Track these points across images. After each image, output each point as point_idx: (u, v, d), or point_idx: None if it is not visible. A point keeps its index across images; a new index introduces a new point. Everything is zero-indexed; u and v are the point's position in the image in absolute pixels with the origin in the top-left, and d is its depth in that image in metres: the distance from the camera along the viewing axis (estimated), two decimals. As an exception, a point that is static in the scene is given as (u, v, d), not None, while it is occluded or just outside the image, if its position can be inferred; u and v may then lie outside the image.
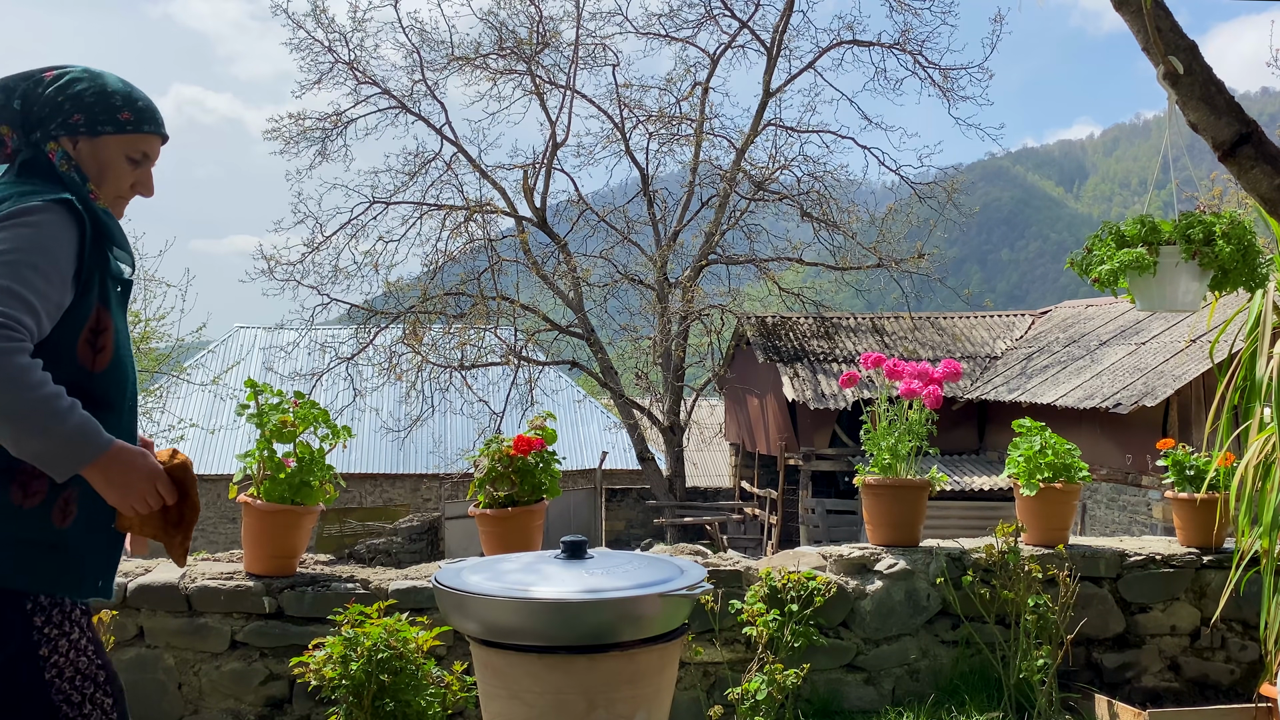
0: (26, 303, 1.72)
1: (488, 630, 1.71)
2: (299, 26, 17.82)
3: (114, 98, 1.94)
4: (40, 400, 1.67)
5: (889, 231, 18.57)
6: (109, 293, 1.90)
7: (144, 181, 2.01)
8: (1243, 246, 3.12)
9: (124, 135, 1.95)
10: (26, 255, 1.74)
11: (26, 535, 1.81)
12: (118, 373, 1.91)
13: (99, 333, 1.87)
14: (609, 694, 1.70)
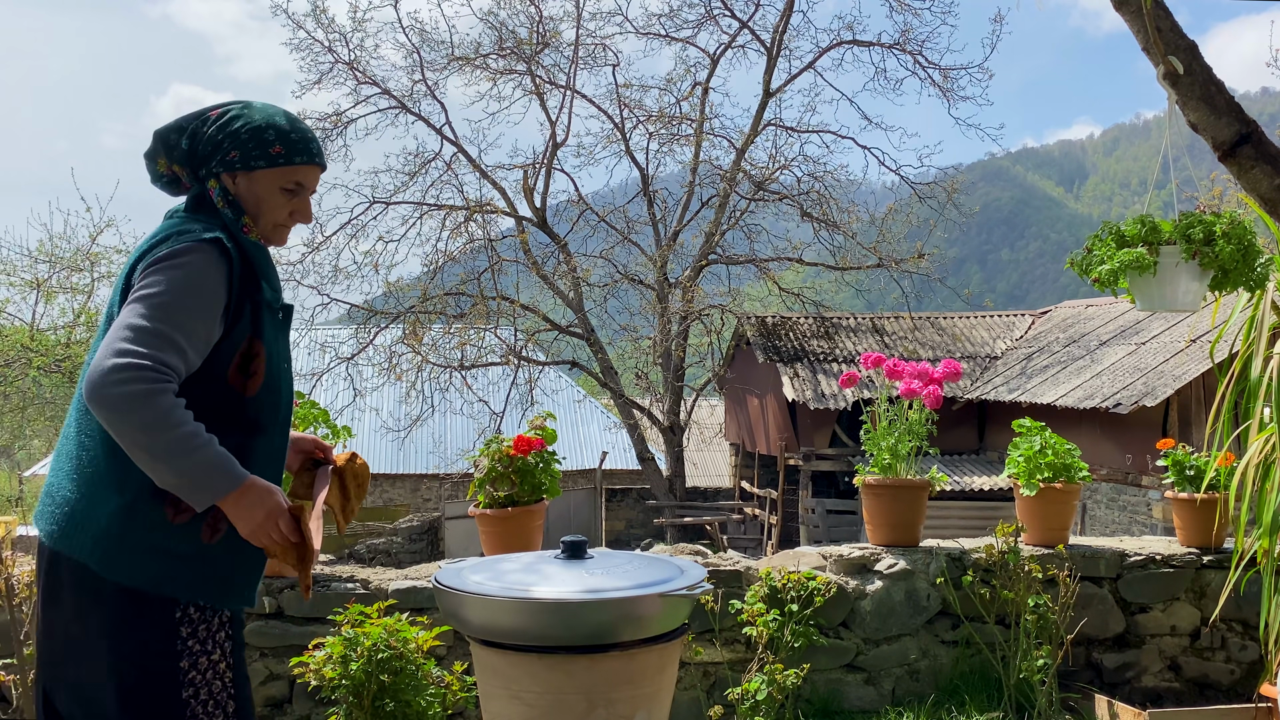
0: (174, 343, 1.83)
1: (488, 630, 1.71)
2: (299, 26, 17.81)
3: (267, 132, 2.02)
4: (177, 439, 1.78)
5: (889, 231, 18.56)
6: (262, 321, 1.99)
7: (301, 209, 2.08)
8: (1243, 246, 3.12)
9: (276, 168, 2.02)
10: (176, 297, 1.84)
11: (176, 548, 1.92)
12: (270, 396, 2.00)
13: (251, 358, 1.97)
14: (609, 694, 1.70)
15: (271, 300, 2.03)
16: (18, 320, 14.63)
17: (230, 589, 1.99)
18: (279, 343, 2.05)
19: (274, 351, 2.02)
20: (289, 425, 2.08)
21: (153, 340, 1.81)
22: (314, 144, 2.08)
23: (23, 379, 14.15)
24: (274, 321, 2.04)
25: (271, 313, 2.04)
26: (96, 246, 14.82)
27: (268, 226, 2.06)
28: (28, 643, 3.21)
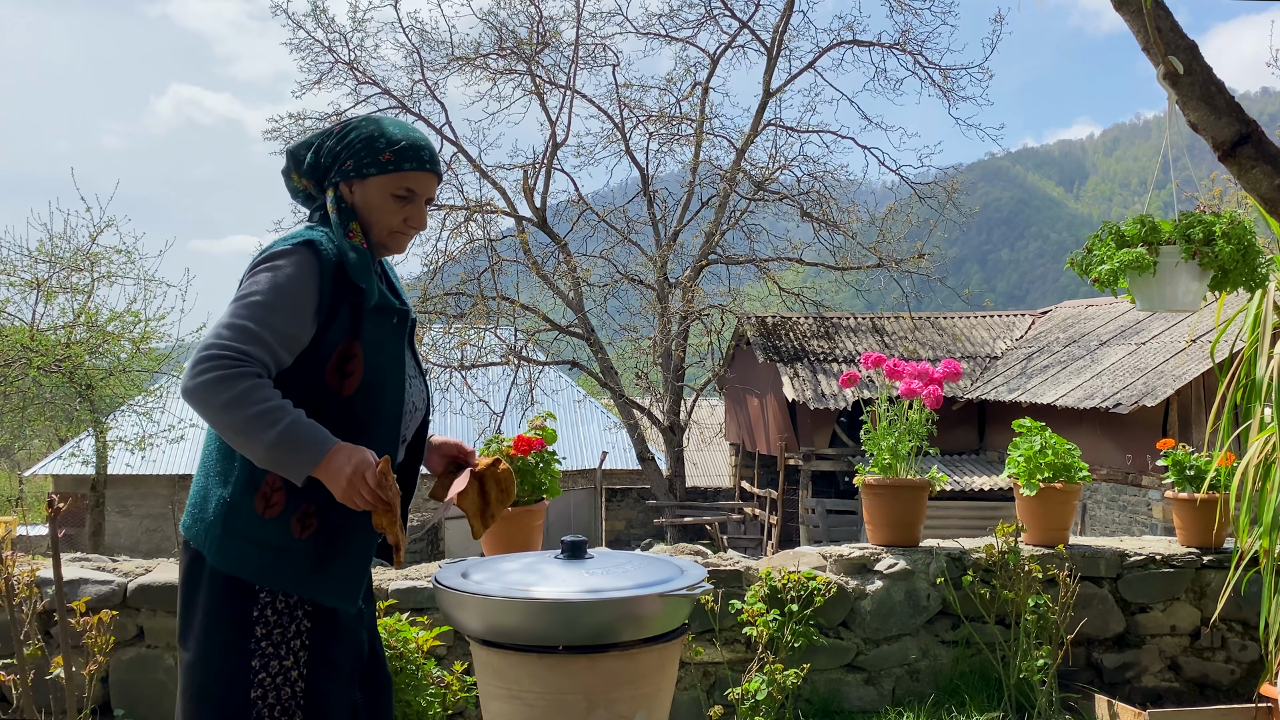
0: (256, 336, 1.91)
1: (488, 630, 1.71)
2: (299, 26, 17.82)
3: (378, 141, 2.09)
4: (259, 414, 1.84)
5: (889, 231, 18.56)
6: (362, 323, 2.04)
7: (414, 215, 2.13)
8: (1243, 246, 3.12)
9: (386, 175, 2.08)
10: (262, 295, 1.94)
11: (265, 539, 1.99)
12: (369, 397, 2.04)
13: (348, 359, 2.02)
14: (609, 694, 1.70)
15: (379, 304, 2.07)
16: (18, 320, 14.61)
17: (319, 583, 2.00)
18: (387, 346, 2.08)
19: (377, 354, 2.06)
20: (398, 427, 2.10)
21: (234, 333, 1.90)
22: (425, 151, 2.12)
23: (23, 379, 14.13)
24: (381, 324, 2.08)
25: (378, 315, 2.07)
26: (96, 246, 14.81)
27: (383, 233, 2.12)
28: (28, 643, 3.21)
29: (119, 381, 15.18)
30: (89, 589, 3.69)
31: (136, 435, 15.64)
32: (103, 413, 15.34)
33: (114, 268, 15.03)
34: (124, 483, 21.56)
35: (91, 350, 14.65)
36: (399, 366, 2.11)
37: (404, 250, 2.19)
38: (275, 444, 1.85)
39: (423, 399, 2.21)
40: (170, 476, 22.34)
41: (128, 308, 15.01)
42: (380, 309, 2.08)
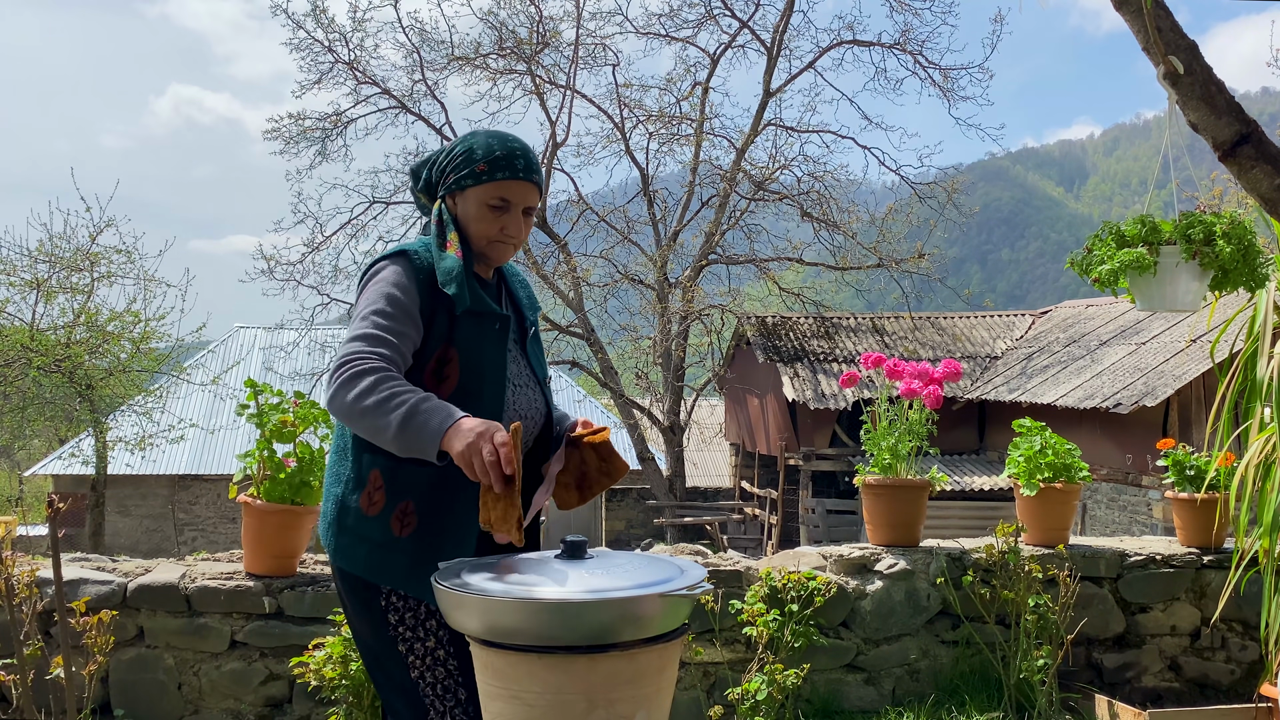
0: (377, 338, 1.98)
1: (488, 630, 1.71)
2: (299, 26, 17.81)
3: (475, 153, 2.13)
4: (385, 398, 1.88)
5: (889, 231, 18.57)
6: (457, 328, 2.09)
7: (510, 225, 2.15)
8: (1243, 246, 3.12)
9: (480, 185, 2.12)
10: (372, 305, 2.03)
11: (373, 537, 2.07)
12: (463, 401, 2.05)
13: (444, 363, 2.09)
14: (609, 694, 1.70)
15: (474, 309, 2.10)
16: (18, 320, 14.61)
17: (419, 581, 2.03)
18: (485, 350, 2.12)
19: (473, 358, 2.10)
20: None
21: (358, 341, 1.98)
22: (520, 160, 2.14)
23: (23, 379, 14.13)
24: (479, 330, 2.12)
25: (475, 321, 2.11)
26: (96, 246, 14.81)
27: (482, 243, 2.15)
28: (28, 643, 3.21)
29: (119, 381, 15.19)
30: (89, 589, 3.69)
31: (136, 435, 15.64)
32: (103, 413, 15.34)
33: (114, 268, 15.03)
34: (124, 483, 21.56)
35: (91, 350, 14.65)
36: (498, 371, 2.14)
37: (506, 260, 2.22)
38: (404, 421, 1.86)
39: (535, 407, 2.22)
40: (170, 476, 22.34)
41: (127, 308, 15.02)
42: (476, 314, 2.12)
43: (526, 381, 2.22)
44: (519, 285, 2.34)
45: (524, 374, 2.22)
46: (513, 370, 2.19)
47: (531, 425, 2.21)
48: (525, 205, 2.17)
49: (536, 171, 2.18)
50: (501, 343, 2.16)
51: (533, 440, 2.23)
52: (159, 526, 22.60)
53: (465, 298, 2.09)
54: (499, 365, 2.15)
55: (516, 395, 2.18)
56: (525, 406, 2.20)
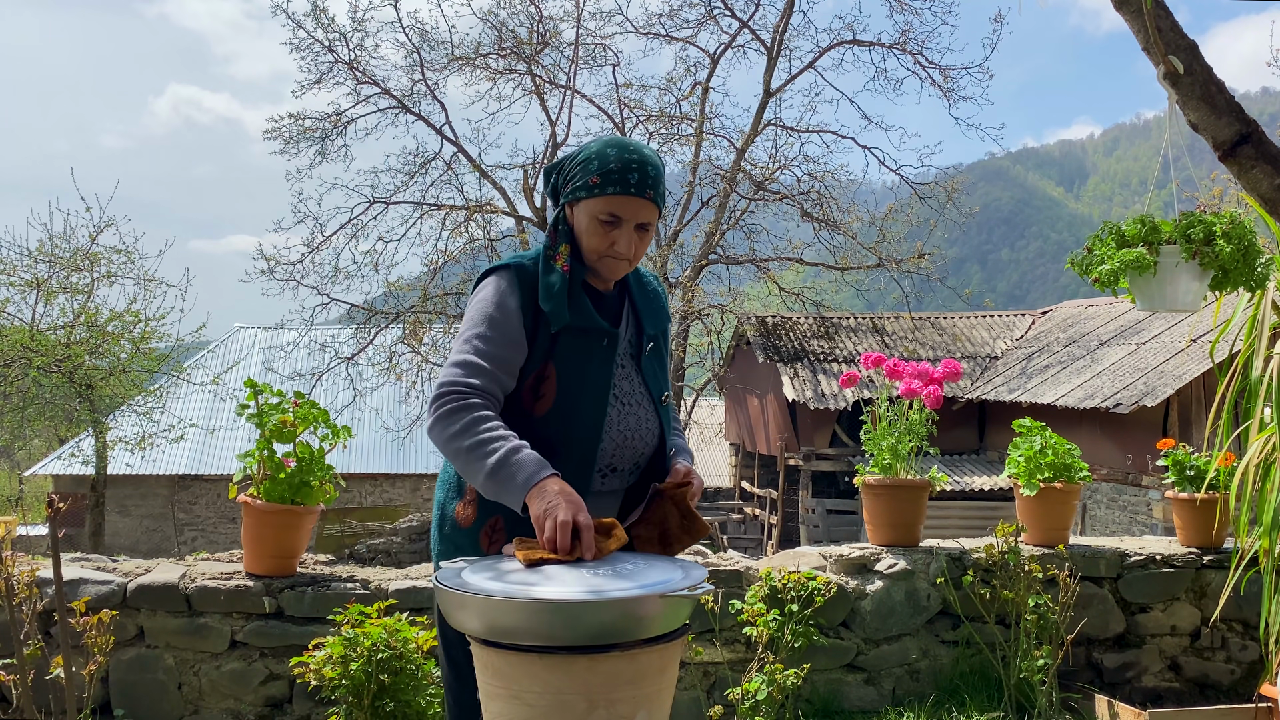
0: (476, 367, 2.00)
1: (489, 630, 1.71)
2: (299, 26, 17.80)
3: (591, 164, 2.06)
4: (476, 444, 1.91)
5: (889, 231, 18.56)
6: (557, 344, 2.06)
7: (620, 241, 2.07)
8: (1243, 246, 3.11)
9: (592, 199, 2.05)
10: (474, 327, 2.05)
11: (464, 548, 2.09)
12: (558, 419, 2.05)
13: (542, 380, 2.06)
14: (609, 694, 1.70)
15: (575, 325, 2.06)
16: (18, 320, 14.61)
17: None
18: (587, 368, 2.08)
19: (571, 375, 2.06)
20: (593, 453, 2.07)
21: (459, 369, 2.00)
22: (634, 174, 2.05)
23: (23, 379, 14.13)
24: (581, 346, 2.08)
25: (578, 336, 2.07)
26: (96, 246, 14.80)
27: (592, 257, 2.10)
28: (28, 643, 3.21)
29: (119, 381, 15.18)
30: (89, 589, 3.69)
31: (136, 435, 15.64)
32: (102, 413, 15.34)
33: (114, 268, 15.03)
34: (124, 483, 21.56)
35: (91, 350, 14.65)
36: (599, 390, 2.08)
37: (618, 275, 2.13)
38: (494, 470, 1.89)
39: (645, 427, 2.15)
40: (170, 476, 22.35)
41: (127, 308, 15.02)
42: (579, 330, 2.07)
43: (638, 400, 2.15)
44: (646, 296, 2.25)
45: (636, 392, 2.16)
46: (623, 388, 2.13)
47: (641, 445, 2.15)
48: (638, 221, 2.08)
49: (652, 186, 2.07)
50: (607, 360, 2.10)
51: (645, 461, 2.18)
52: (159, 526, 22.60)
53: (563, 315, 2.05)
54: (601, 383, 2.09)
55: (624, 414, 2.12)
56: (633, 426, 2.13)
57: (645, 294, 2.24)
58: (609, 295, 2.18)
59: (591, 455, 2.07)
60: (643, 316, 2.20)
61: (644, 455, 2.16)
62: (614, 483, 2.15)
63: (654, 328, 2.21)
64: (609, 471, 2.12)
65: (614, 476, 2.14)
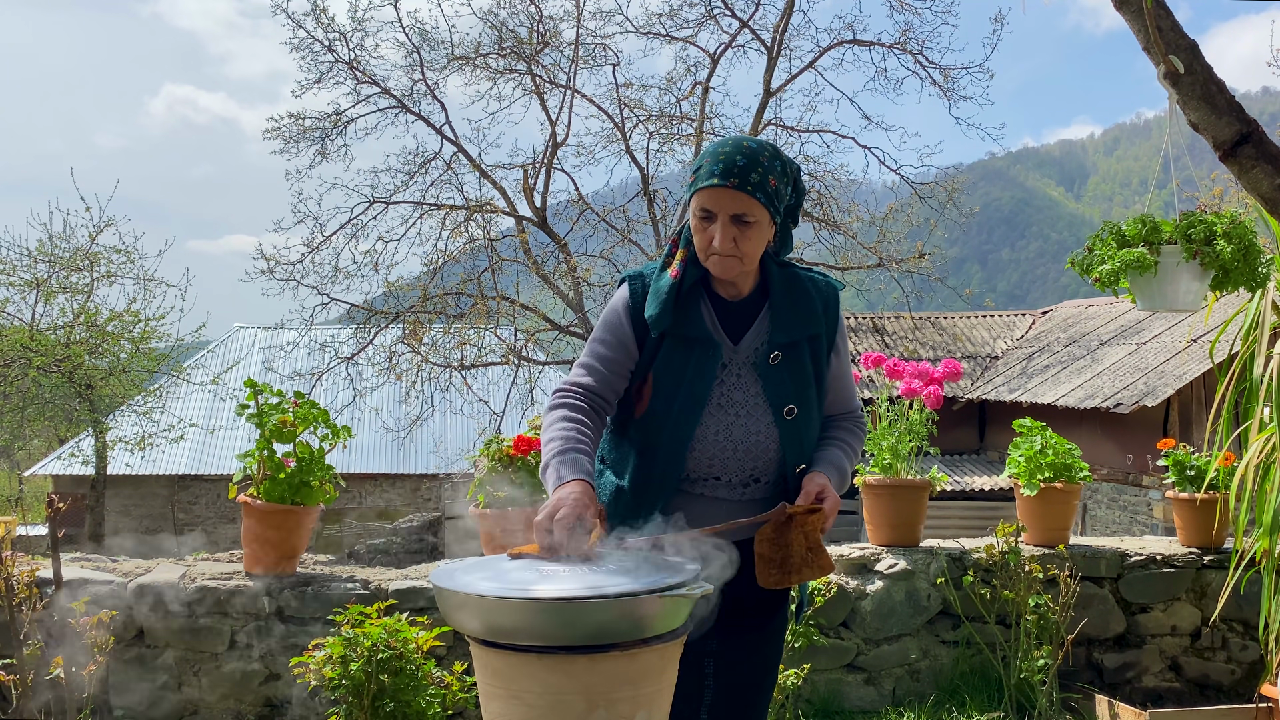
0: (586, 366, 2.12)
1: (488, 630, 1.71)
2: (299, 26, 17.78)
3: (697, 160, 2.07)
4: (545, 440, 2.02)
5: (889, 231, 18.53)
6: (660, 351, 2.09)
7: (715, 236, 2.02)
8: (1244, 246, 3.12)
9: (689, 197, 2.06)
10: (596, 332, 2.15)
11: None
12: (652, 421, 2.09)
13: (643, 383, 2.11)
14: (609, 694, 1.69)
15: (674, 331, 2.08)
16: (17, 320, 14.61)
17: None
18: (685, 375, 2.07)
19: (665, 382, 2.08)
20: (678, 460, 2.06)
21: (578, 367, 2.14)
22: (718, 165, 2.01)
23: (23, 379, 14.13)
24: (681, 353, 2.08)
25: (679, 343, 2.09)
26: (96, 246, 14.80)
27: (702, 255, 2.07)
28: (28, 643, 3.21)
29: (119, 381, 15.18)
30: (89, 589, 3.69)
31: (136, 435, 15.63)
32: (102, 413, 15.33)
33: (113, 267, 15.03)
34: (124, 483, 21.56)
35: (91, 350, 14.64)
36: (694, 399, 2.06)
37: (729, 274, 2.06)
38: (544, 467, 1.99)
39: (757, 440, 2.09)
40: (170, 476, 22.34)
41: (127, 308, 15.02)
42: (679, 337, 2.08)
43: (750, 410, 2.09)
44: (791, 301, 2.13)
45: (749, 402, 2.09)
46: (734, 398, 2.09)
47: (751, 456, 2.09)
48: (732, 213, 2.00)
49: (737, 175, 1.98)
50: (707, 368, 2.08)
51: (766, 473, 2.12)
52: (159, 526, 22.60)
53: (663, 320, 2.07)
54: (697, 392, 2.07)
55: (730, 424, 2.08)
56: (739, 437, 2.08)
57: (790, 298, 2.13)
58: (740, 302, 2.13)
59: (678, 461, 2.07)
60: (774, 324, 2.11)
61: (759, 467, 2.11)
62: (721, 491, 2.11)
63: (786, 336, 2.10)
64: (712, 480, 2.10)
65: (719, 486, 2.11)
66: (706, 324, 2.09)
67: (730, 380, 2.10)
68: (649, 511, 2.03)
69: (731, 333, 2.12)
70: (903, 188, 18.95)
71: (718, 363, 2.09)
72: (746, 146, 2.03)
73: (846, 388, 2.24)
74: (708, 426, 2.07)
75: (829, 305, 2.18)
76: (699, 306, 2.09)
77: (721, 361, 2.09)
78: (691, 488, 2.11)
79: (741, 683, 2.14)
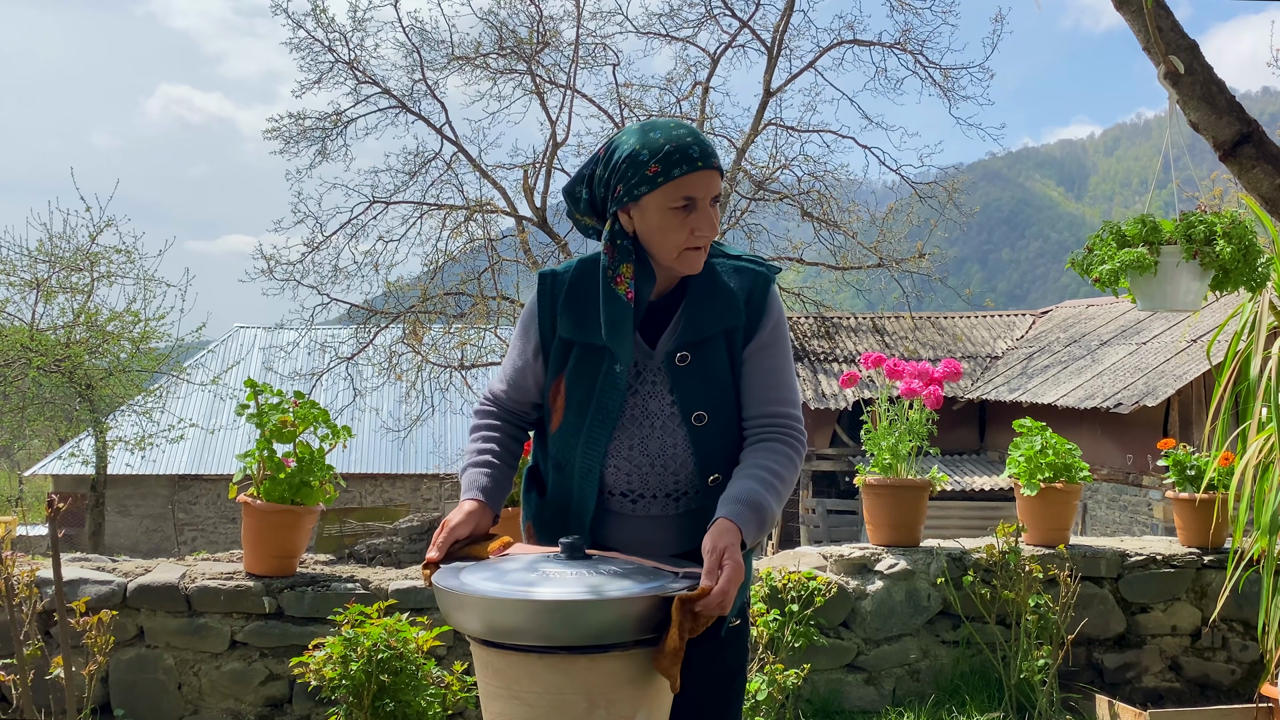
0: (501, 375, 2.09)
1: (489, 630, 1.71)
2: (299, 25, 17.79)
3: (640, 155, 1.86)
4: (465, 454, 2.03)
5: (889, 231, 18.54)
6: (570, 359, 1.97)
7: (699, 224, 1.87)
8: (1243, 246, 3.12)
9: (657, 190, 1.85)
10: (513, 337, 2.07)
11: None
12: (566, 436, 1.98)
13: (555, 396, 2.00)
14: (610, 694, 1.70)
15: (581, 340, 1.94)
16: (17, 320, 14.61)
17: None
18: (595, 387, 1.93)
19: (577, 394, 1.94)
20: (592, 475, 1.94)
21: (495, 378, 2.11)
22: (694, 148, 1.85)
23: (23, 379, 14.14)
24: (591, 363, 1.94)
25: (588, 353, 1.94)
26: (96, 246, 14.80)
27: (671, 255, 1.88)
28: (28, 643, 3.21)
29: (119, 381, 15.18)
30: (89, 589, 3.69)
31: (136, 435, 15.64)
32: (102, 413, 15.33)
33: (113, 267, 15.03)
34: (124, 483, 21.56)
35: (91, 350, 14.64)
36: (605, 413, 1.92)
37: (698, 268, 1.91)
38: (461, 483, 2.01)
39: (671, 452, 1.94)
40: (170, 476, 22.35)
41: (127, 307, 15.02)
42: (586, 346, 1.94)
43: (664, 422, 1.94)
44: (703, 295, 1.95)
45: (664, 412, 1.94)
46: (648, 408, 1.94)
47: (667, 470, 1.95)
48: (711, 196, 1.88)
49: (714, 155, 1.88)
50: (616, 379, 1.92)
51: (689, 485, 1.96)
52: (159, 526, 22.61)
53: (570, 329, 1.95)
54: (608, 405, 1.93)
55: (647, 437, 1.94)
56: (654, 451, 1.94)
57: (704, 290, 1.95)
58: (659, 300, 1.97)
59: (593, 480, 1.95)
60: (686, 320, 1.94)
61: (681, 482, 1.95)
62: (652, 508, 1.97)
63: (696, 334, 1.93)
64: (636, 497, 1.97)
65: (647, 503, 1.97)
66: (600, 332, 1.92)
67: (644, 389, 1.94)
68: (577, 528, 1.97)
69: (648, 336, 1.96)
70: (903, 188, 18.96)
71: (622, 373, 1.92)
72: (687, 125, 1.93)
73: (776, 384, 1.96)
74: (620, 442, 1.93)
75: (754, 293, 1.96)
76: (600, 312, 1.92)
77: (636, 369, 1.94)
78: (615, 505, 1.98)
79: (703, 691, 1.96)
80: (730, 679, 2.01)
